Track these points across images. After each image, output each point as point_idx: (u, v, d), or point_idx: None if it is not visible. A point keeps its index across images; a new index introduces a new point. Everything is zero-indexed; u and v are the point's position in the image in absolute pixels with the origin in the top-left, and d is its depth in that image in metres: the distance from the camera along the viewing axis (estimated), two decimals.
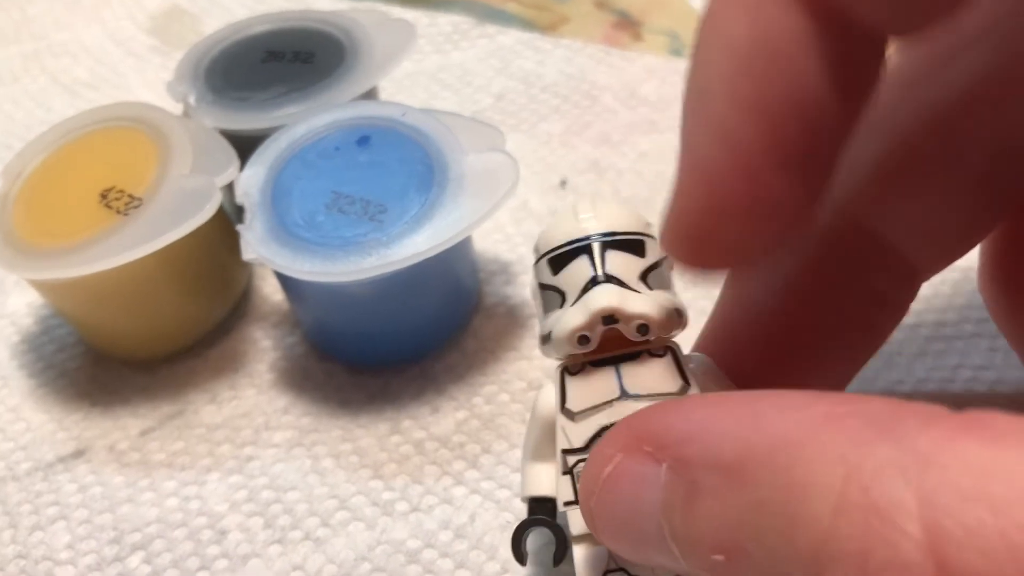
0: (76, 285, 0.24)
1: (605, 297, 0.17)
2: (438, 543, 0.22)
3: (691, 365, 0.18)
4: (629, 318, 0.17)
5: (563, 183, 0.29)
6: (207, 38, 0.28)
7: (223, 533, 0.23)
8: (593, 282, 0.18)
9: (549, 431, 0.18)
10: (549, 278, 0.18)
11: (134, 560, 0.22)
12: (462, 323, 0.26)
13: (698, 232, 0.15)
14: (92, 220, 0.23)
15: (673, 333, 0.18)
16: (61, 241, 0.23)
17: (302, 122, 0.25)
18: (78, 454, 0.25)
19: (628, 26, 0.34)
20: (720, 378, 0.18)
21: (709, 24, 0.14)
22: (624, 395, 0.17)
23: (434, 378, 0.25)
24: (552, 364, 0.19)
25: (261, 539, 0.22)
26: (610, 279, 0.18)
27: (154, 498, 0.23)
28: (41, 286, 0.25)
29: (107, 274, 0.23)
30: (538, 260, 0.19)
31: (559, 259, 0.18)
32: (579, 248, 0.18)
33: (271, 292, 0.27)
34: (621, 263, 0.18)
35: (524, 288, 0.27)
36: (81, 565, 0.22)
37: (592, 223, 0.18)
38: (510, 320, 0.26)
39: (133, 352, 0.26)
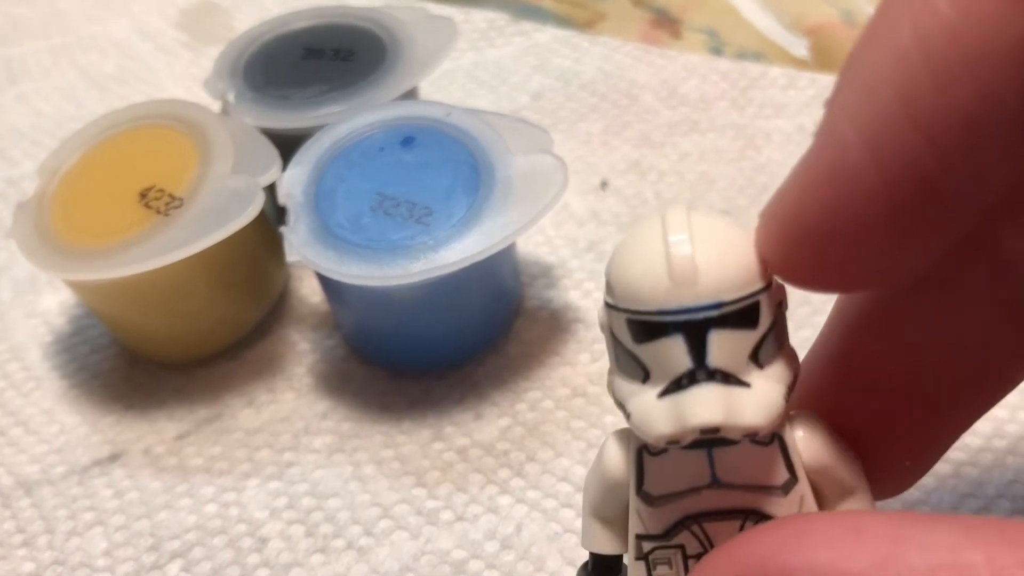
0: (114, 286, 0.23)
1: (707, 410, 0.14)
2: (484, 554, 0.21)
3: (798, 433, 0.15)
4: (735, 432, 0.14)
5: (604, 184, 0.28)
6: (244, 34, 0.27)
7: (264, 541, 0.22)
8: (691, 378, 0.14)
9: (613, 495, 0.15)
10: (628, 341, 0.14)
11: (173, 568, 0.22)
12: (504, 327, 0.25)
13: (817, 236, 0.12)
14: (132, 220, 0.23)
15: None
16: (100, 241, 0.23)
17: (345, 122, 0.24)
18: (113, 458, 0.24)
19: (667, 24, 0.34)
20: (831, 450, 0.15)
21: (881, 19, 0.12)
22: (716, 483, 0.14)
23: (476, 383, 0.24)
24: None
25: (303, 548, 0.22)
26: (714, 374, 0.14)
27: (192, 504, 0.23)
28: (77, 286, 0.25)
29: (146, 275, 0.23)
30: (611, 306, 0.14)
31: (644, 328, 0.14)
32: (673, 324, 0.14)
33: (309, 294, 0.27)
34: (729, 347, 0.14)
35: (566, 292, 0.26)
36: (119, 573, 0.22)
37: (695, 285, 0.13)
38: (553, 324, 0.25)
39: (169, 354, 0.26)
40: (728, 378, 0.14)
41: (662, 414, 0.14)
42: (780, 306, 0.14)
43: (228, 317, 0.25)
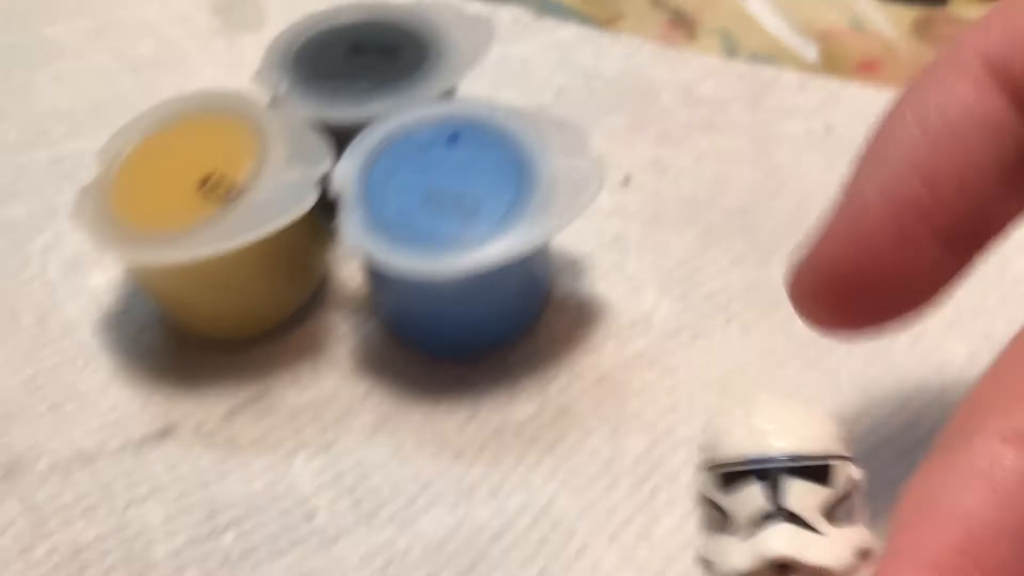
0: (172, 269, 0.25)
1: (781, 543, 0.16)
2: (519, 525, 0.23)
3: None
4: (808, 570, 0.16)
5: (626, 180, 0.30)
6: (290, 28, 0.29)
7: (312, 513, 0.24)
8: (767, 518, 0.16)
9: None
10: (714, 494, 0.17)
11: (227, 537, 0.23)
12: (535, 316, 0.27)
13: (839, 285, 0.15)
14: (192, 207, 0.24)
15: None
16: (160, 226, 0.24)
17: (393, 117, 0.26)
18: (165, 433, 0.26)
19: (682, 25, 0.35)
20: None
21: (904, 94, 0.15)
22: None
23: (509, 368, 0.26)
24: None
25: (349, 520, 0.24)
26: (790, 517, 0.16)
27: (242, 478, 0.25)
28: (134, 268, 0.26)
29: (204, 260, 0.24)
30: (703, 468, 0.17)
31: (729, 477, 0.16)
32: (754, 471, 0.16)
33: (347, 278, 0.28)
34: (804, 496, 0.16)
35: (593, 284, 0.28)
36: (177, 541, 0.23)
37: (774, 439, 0.16)
38: (580, 314, 0.27)
39: (217, 332, 0.27)
40: (802, 523, 0.16)
41: (741, 554, 0.16)
42: (855, 485, 0.17)
43: (276, 299, 0.27)
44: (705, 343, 0.26)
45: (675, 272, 0.28)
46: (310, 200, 0.24)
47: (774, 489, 0.16)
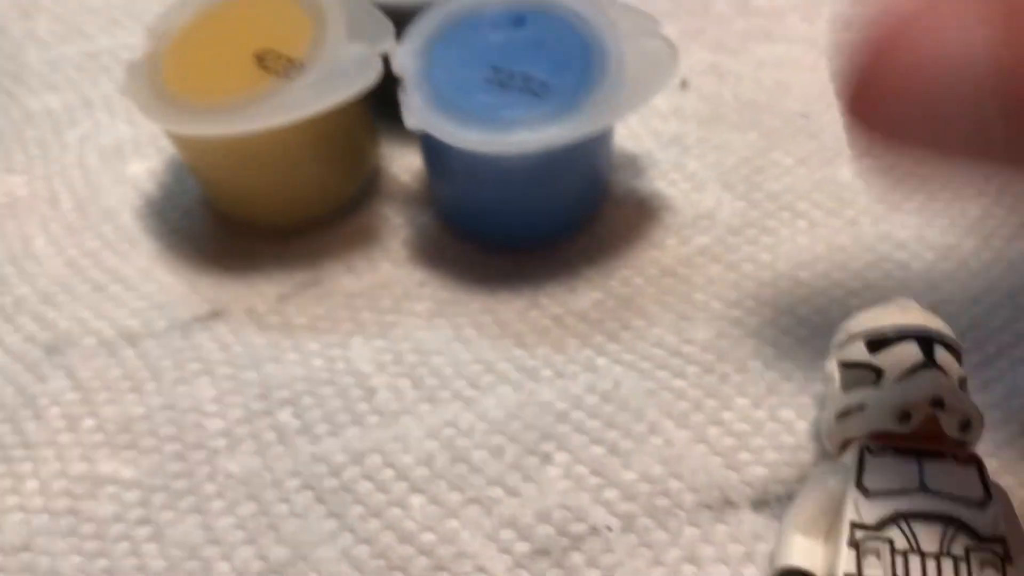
0: (226, 145, 0.24)
1: (938, 380, 0.19)
2: (585, 405, 0.23)
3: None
4: (956, 410, 0.18)
5: (684, 83, 0.29)
6: None
7: (372, 391, 0.23)
8: (923, 366, 0.19)
9: (827, 505, 0.18)
10: (863, 356, 0.20)
11: (283, 414, 0.23)
12: (594, 209, 0.26)
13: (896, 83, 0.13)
14: (250, 80, 0.24)
15: (974, 444, 0.19)
16: (218, 99, 0.23)
17: (453, 0, 0.25)
18: (215, 315, 0.25)
19: None
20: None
21: None
22: (923, 488, 0.18)
23: (568, 260, 0.25)
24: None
25: (410, 398, 0.23)
26: (939, 369, 0.19)
27: (299, 358, 0.24)
28: (184, 143, 0.25)
29: (257, 137, 0.23)
30: (847, 340, 0.20)
31: (882, 341, 0.20)
32: (909, 335, 0.19)
33: (398, 172, 0.28)
34: (947, 362, 0.19)
35: (652, 181, 0.27)
36: (230, 418, 0.23)
37: (923, 320, 0.20)
38: (640, 210, 0.26)
39: (266, 219, 0.26)
40: (949, 377, 0.19)
41: (900, 390, 0.19)
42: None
43: (328, 186, 0.26)
44: (770, 240, 0.26)
45: (737, 171, 0.27)
46: (375, 74, 0.23)
47: (928, 350, 0.19)
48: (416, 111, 0.23)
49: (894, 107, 0.14)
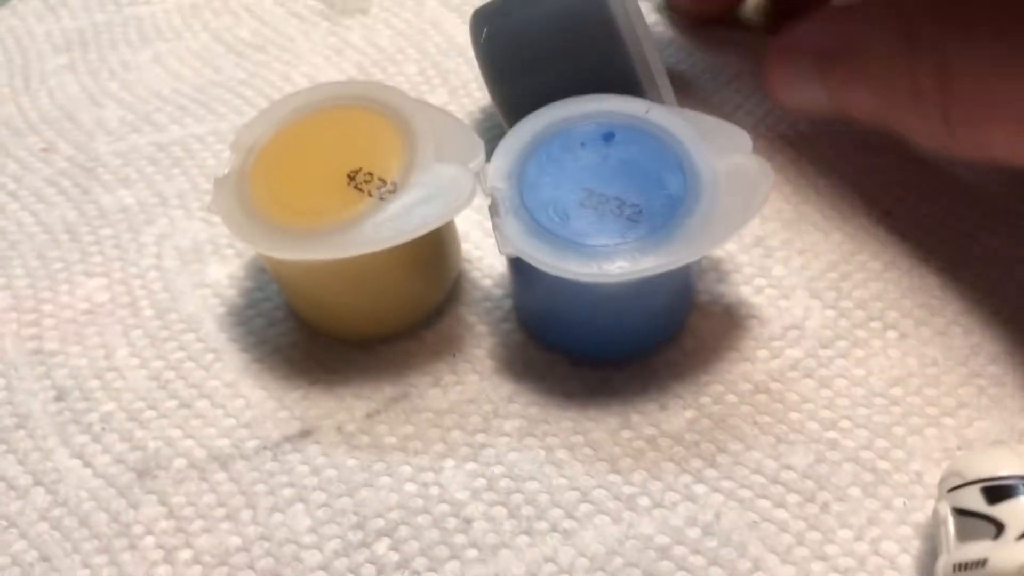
0: (317, 265, 0.24)
1: None
2: (687, 539, 0.22)
3: None
4: None
5: None
6: None
7: (468, 522, 0.23)
8: None
9: None
10: (982, 507, 0.20)
11: (381, 547, 0.23)
12: (682, 321, 0.26)
13: None
14: (344, 201, 0.23)
15: None
16: (312, 220, 0.23)
17: (542, 115, 0.25)
18: (305, 434, 0.25)
19: None
20: None
21: None
22: None
23: (656, 375, 0.25)
24: None
25: (507, 529, 0.23)
26: None
27: (391, 483, 0.24)
28: (274, 263, 0.25)
29: (351, 257, 0.23)
30: (961, 485, 0.20)
31: (1001, 490, 0.20)
32: None
33: (479, 277, 0.27)
34: None
35: (737, 287, 0.27)
36: (327, 550, 0.23)
37: None
38: (728, 319, 0.26)
39: (353, 332, 0.26)
40: None
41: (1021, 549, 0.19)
42: None
43: (416, 298, 0.26)
44: (862, 353, 0.25)
45: (825, 277, 0.27)
46: (469, 194, 0.23)
47: None
48: (512, 238, 0.23)
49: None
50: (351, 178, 0.24)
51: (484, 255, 0.28)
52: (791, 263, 0.27)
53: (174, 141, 0.31)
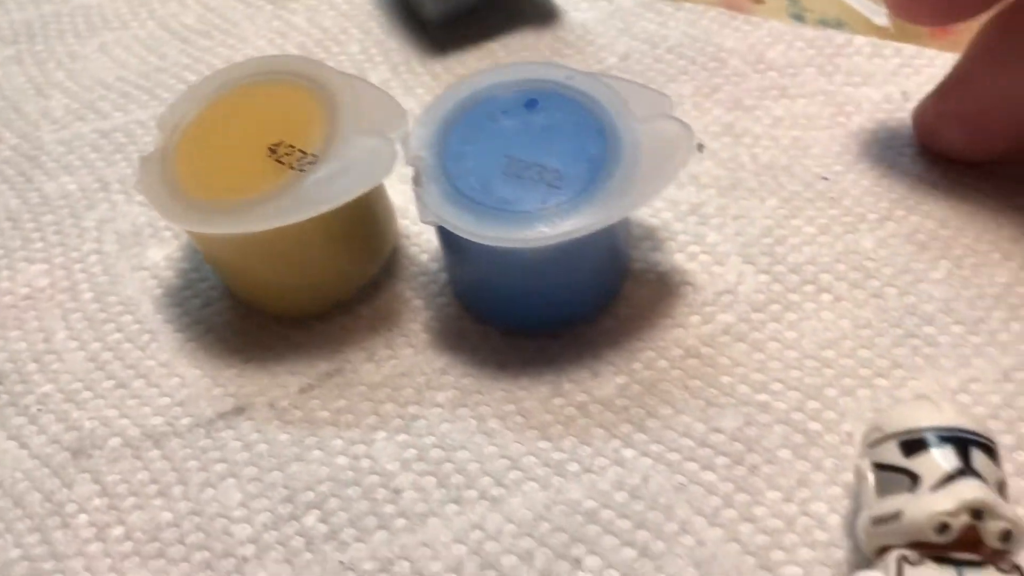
0: (242, 240, 0.24)
1: (977, 489, 0.18)
2: (614, 504, 0.22)
3: None
4: (998, 517, 0.18)
5: (700, 147, 0.29)
6: None
7: (397, 492, 0.23)
8: (961, 473, 0.18)
9: None
10: (899, 460, 0.19)
11: (310, 519, 0.23)
12: (615, 289, 0.26)
13: None
14: (265, 175, 0.23)
15: (1018, 552, 0.19)
16: (233, 195, 0.23)
17: (465, 83, 0.25)
18: (238, 411, 0.25)
19: None
20: None
21: None
22: None
23: (590, 343, 0.25)
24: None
25: (436, 498, 0.23)
26: (977, 475, 0.18)
27: (323, 456, 0.24)
28: (203, 239, 0.25)
29: (275, 231, 0.23)
30: (881, 440, 0.20)
31: (916, 443, 0.19)
32: (945, 438, 0.19)
33: (417, 252, 0.27)
34: (985, 465, 0.19)
35: (672, 255, 0.27)
36: (256, 523, 0.23)
37: (955, 418, 0.19)
38: (662, 287, 0.26)
39: (286, 308, 0.26)
40: (987, 483, 0.18)
41: (939, 499, 0.18)
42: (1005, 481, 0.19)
43: (347, 272, 0.26)
44: (795, 316, 0.25)
45: (759, 242, 0.27)
46: (391, 166, 0.23)
47: (964, 454, 0.19)
48: (432, 206, 0.23)
49: None
50: (272, 151, 0.24)
51: (422, 230, 0.28)
52: (725, 229, 0.27)
53: (117, 128, 0.31)
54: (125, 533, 0.23)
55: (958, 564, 0.18)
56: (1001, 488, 0.19)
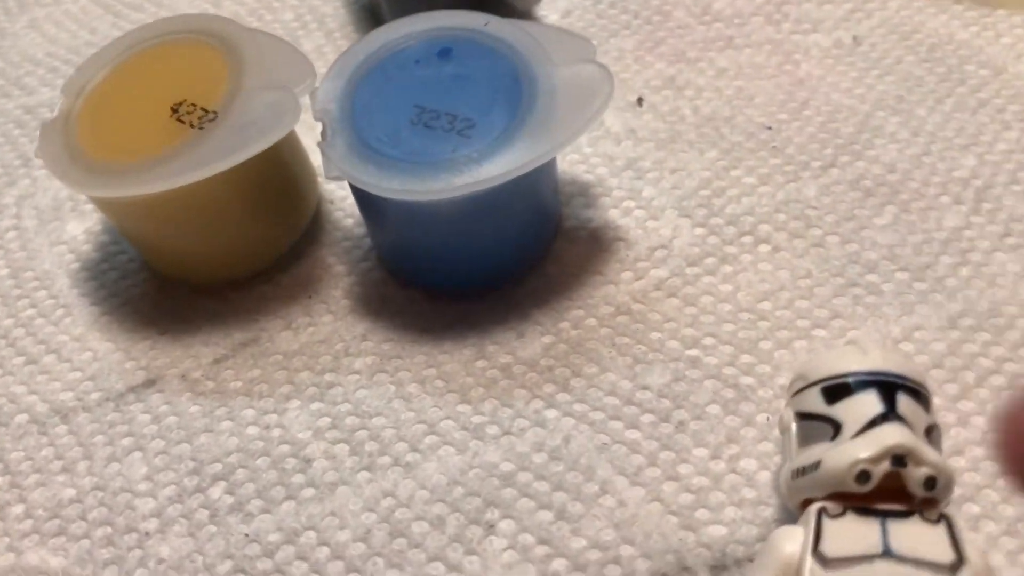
0: (146, 204, 0.23)
1: (899, 434, 0.17)
2: (532, 466, 0.21)
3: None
4: (921, 463, 0.17)
5: (639, 101, 0.28)
6: None
7: (308, 461, 0.22)
8: (884, 418, 0.17)
9: (786, 572, 0.17)
10: (821, 407, 0.18)
11: (216, 491, 0.22)
12: (544, 247, 0.25)
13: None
14: (165, 135, 0.22)
15: (945, 502, 0.17)
16: (132, 157, 0.22)
17: (378, 34, 0.24)
18: (149, 383, 0.24)
19: None
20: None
21: None
22: (888, 554, 0.16)
23: (517, 303, 0.24)
24: None
25: (348, 466, 0.22)
26: (902, 419, 0.17)
27: (233, 427, 0.23)
28: (108, 206, 0.24)
29: (179, 192, 0.22)
30: (804, 388, 0.18)
31: (839, 389, 0.18)
32: (868, 382, 0.18)
33: (342, 216, 0.26)
34: (911, 410, 0.17)
35: (605, 211, 0.25)
36: (161, 497, 0.22)
37: (882, 362, 0.18)
38: (593, 244, 0.25)
39: (201, 276, 0.25)
40: (912, 428, 0.17)
41: (859, 446, 0.17)
42: (938, 427, 0.18)
43: (262, 238, 0.25)
44: (731, 269, 0.24)
45: (697, 194, 0.25)
46: (292, 121, 0.22)
47: (889, 398, 0.17)
48: (336, 160, 0.22)
49: None
50: (174, 111, 0.23)
51: (347, 194, 0.27)
52: (662, 183, 0.26)
53: (42, 103, 0.31)
54: (26, 511, 0.22)
55: (882, 515, 0.17)
56: (930, 434, 0.18)
